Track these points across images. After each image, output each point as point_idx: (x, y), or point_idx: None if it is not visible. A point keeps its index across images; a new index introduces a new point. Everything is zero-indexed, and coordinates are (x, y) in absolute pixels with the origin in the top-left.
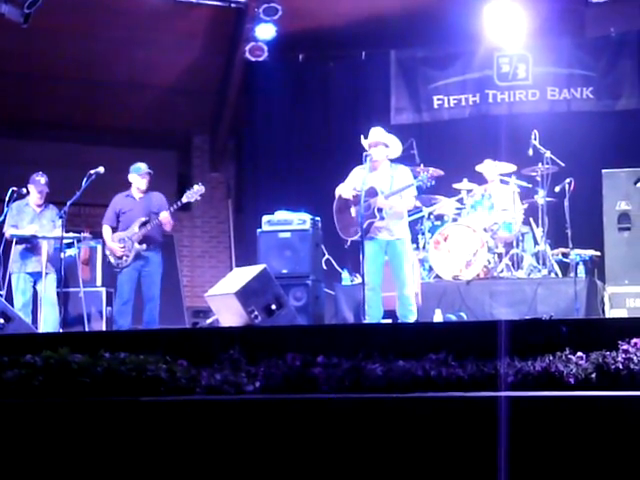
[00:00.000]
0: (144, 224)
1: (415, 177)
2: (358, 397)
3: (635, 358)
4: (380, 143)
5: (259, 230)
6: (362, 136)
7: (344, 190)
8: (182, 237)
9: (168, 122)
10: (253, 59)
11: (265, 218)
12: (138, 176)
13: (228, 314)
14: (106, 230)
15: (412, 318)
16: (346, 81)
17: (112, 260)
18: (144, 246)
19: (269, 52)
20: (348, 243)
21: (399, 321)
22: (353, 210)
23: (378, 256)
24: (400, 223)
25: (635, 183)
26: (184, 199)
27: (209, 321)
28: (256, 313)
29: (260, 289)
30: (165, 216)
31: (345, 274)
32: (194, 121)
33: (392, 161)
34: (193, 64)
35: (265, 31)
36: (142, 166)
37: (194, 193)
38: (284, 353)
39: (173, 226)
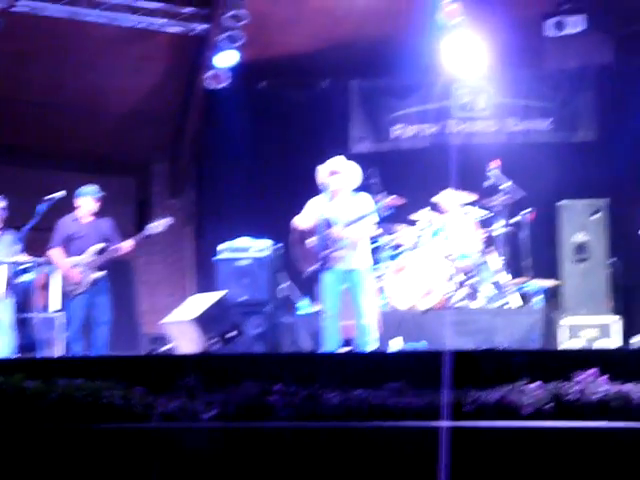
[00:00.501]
0: (102, 251)
1: None
2: (315, 426)
3: (590, 388)
4: (339, 172)
5: (217, 257)
6: (321, 165)
7: (301, 221)
8: (141, 263)
9: (128, 148)
10: (214, 86)
11: (224, 245)
12: (92, 199)
13: (186, 341)
14: (57, 254)
15: (371, 347)
16: (307, 109)
17: (66, 285)
18: (102, 273)
19: (230, 79)
20: (306, 274)
21: (357, 350)
22: (311, 241)
23: (336, 285)
24: (360, 252)
25: (592, 215)
26: (150, 230)
27: (166, 348)
28: (214, 340)
29: (218, 316)
30: (128, 245)
31: (304, 302)
32: (154, 147)
33: (354, 189)
34: (154, 90)
35: (226, 58)
36: (95, 189)
37: (161, 224)
38: (241, 381)
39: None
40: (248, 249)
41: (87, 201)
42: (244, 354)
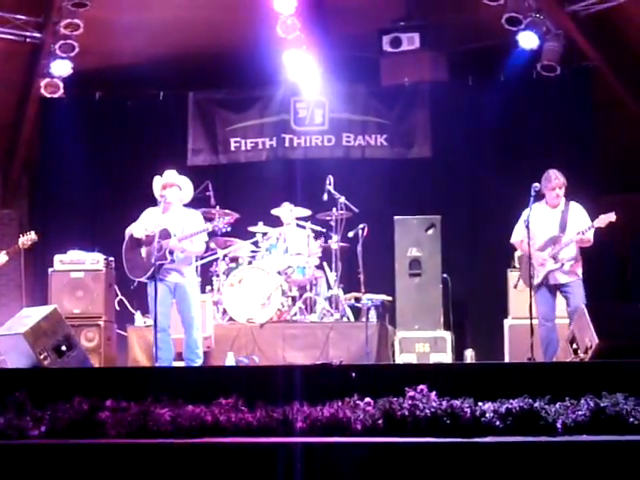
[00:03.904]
0: None
1: (210, 221)
2: (145, 443)
3: (420, 404)
4: (174, 185)
5: (51, 269)
6: (156, 177)
7: (136, 229)
8: None
9: None
10: (48, 95)
11: (57, 257)
12: None
13: (16, 355)
14: None
15: (199, 362)
16: (144, 121)
17: None
18: None
19: (65, 89)
20: (135, 284)
21: (186, 364)
22: (144, 250)
23: (166, 298)
24: (189, 267)
25: (426, 230)
26: (20, 245)
27: None
28: (45, 354)
29: (50, 329)
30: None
31: (138, 315)
32: None
33: (185, 205)
34: None
35: (61, 68)
36: None
37: (27, 240)
38: (73, 396)
39: None
40: (83, 262)
41: None
42: (75, 369)
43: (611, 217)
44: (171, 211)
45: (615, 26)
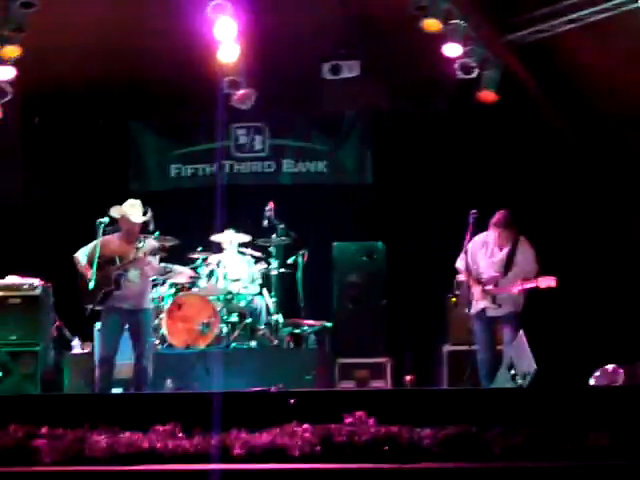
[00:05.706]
0: None
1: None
2: (81, 470)
3: (359, 430)
4: (133, 213)
5: None
6: (136, 201)
7: (88, 255)
8: None
9: None
10: None
11: None
12: None
13: None
14: None
15: (146, 388)
16: (83, 148)
17: None
18: None
19: (5, 114)
20: (88, 311)
21: (134, 390)
22: (97, 277)
23: (117, 325)
24: (144, 293)
25: (367, 256)
26: None
27: None
28: None
29: None
30: None
31: (76, 342)
32: None
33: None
34: None
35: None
36: None
37: None
38: (8, 423)
39: None
40: (20, 287)
41: None
42: (10, 396)
43: (551, 283)
44: (124, 237)
45: (553, 55)
